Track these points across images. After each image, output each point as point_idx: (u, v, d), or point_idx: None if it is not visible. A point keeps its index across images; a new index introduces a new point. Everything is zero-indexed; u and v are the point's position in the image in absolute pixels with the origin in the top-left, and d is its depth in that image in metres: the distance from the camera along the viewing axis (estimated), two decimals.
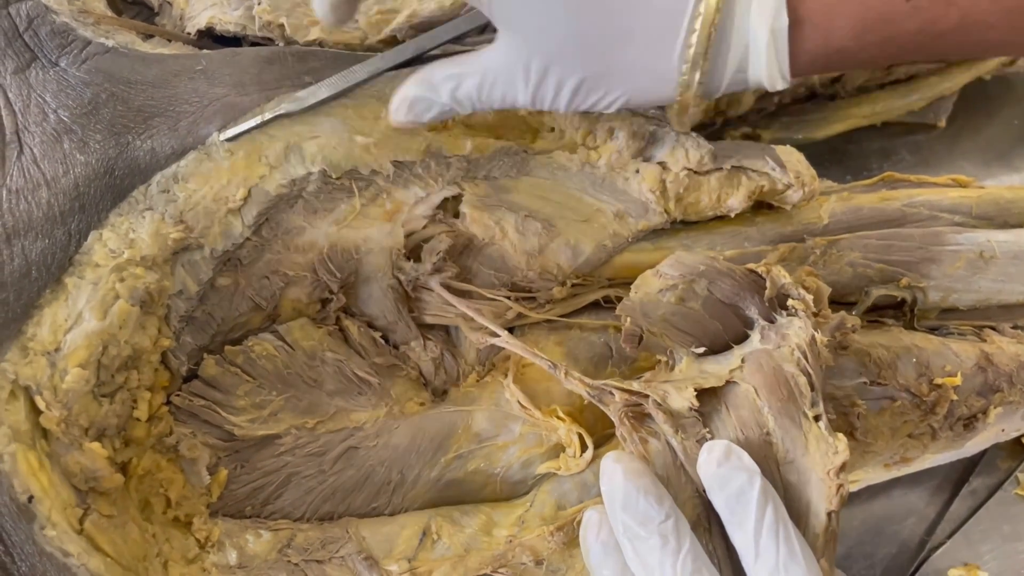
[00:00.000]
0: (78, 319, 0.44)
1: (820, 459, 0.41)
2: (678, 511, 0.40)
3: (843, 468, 0.41)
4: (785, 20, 0.42)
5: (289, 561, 0.46)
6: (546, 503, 0.48)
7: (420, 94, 0.47)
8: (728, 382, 0.45)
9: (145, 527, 0.45)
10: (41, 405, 0.43)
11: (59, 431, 0.43)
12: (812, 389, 0.43)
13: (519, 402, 0.50)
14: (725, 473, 0.40)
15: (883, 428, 0.53)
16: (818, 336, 0.44)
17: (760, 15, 0.42)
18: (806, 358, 0.44)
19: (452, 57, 0.47)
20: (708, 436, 0.44)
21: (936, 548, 0.60)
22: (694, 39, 0.43)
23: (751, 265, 0.48)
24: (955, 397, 0.54)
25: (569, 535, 0.46)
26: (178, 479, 0.47)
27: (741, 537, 0.39)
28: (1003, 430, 0.58)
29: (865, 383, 0.53)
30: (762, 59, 0.43)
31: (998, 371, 0.55)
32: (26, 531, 0.41)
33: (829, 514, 0.40)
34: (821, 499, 0.41)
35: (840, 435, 0.42)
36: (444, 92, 0.46)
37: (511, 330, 0.53)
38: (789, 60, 0.43)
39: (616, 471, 0.40)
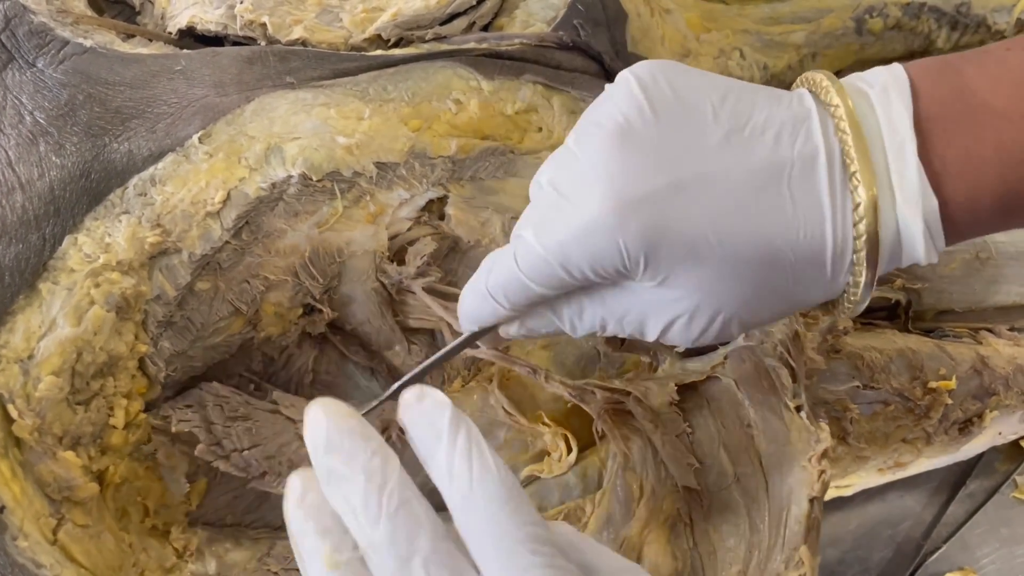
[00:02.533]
0: (52, 326, 0.43)
1: (802, 447, 0.42)
2: (387, 450, 0.36)
3: (825, 454, 0.41)
4: (934, 200, 0.37)
5: (269, 570, 0.45)
6: None
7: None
8: (710, 377, 0.45)
9: (121, 537, 0.45)
10: (14, 413, 0.42)
11: (32, 440, 0.42)
12: (794, 381, 0.43)
13: (504, 408, 0.50)
14: (416, 414, 0.36)
15: (876, 433, 0.53)
16: (801, 330, 0.44)
17: (907, 204, 0.37)
18: (788, 352, 0.44)
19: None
20: (688, 431, 0.44)
21: (933, 552, 0.60)
22: (862, 252, 0.38)
23: None
24: (950, 401, 0.53)
25: None
26: (156, 487, 0.47)
27: (436, 469, 0.36)
28: (1000, 433, 0.58)
29: (858, 387, 0.52)
30: (919, 246, 0.38)
31: (994, 374, 0.55)
32: None
33: (811, 500, 0.40)
34: (803, 486, 0.41)
35: (823, 424, 0.42)
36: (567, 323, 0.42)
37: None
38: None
39: (319, 414, 0.36)
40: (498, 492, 0.35)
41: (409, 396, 0.37)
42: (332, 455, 0.36)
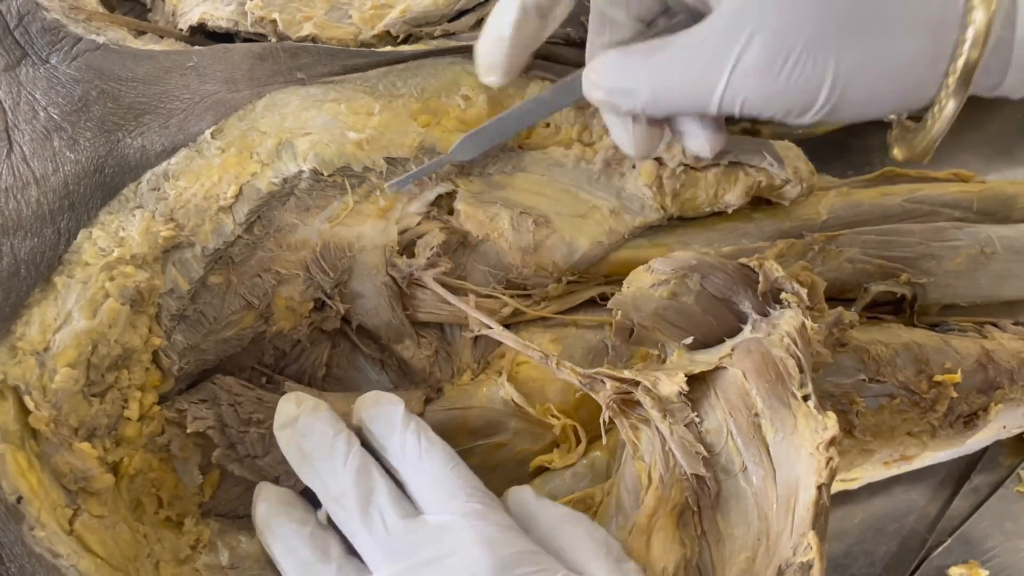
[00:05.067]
0: (67, 318, 0.44)
1: (809, 435, 0.42)
2: (351, 433, 0.44)
3: (832, 442, 0.41)
4: None
5: None
6: None
7: (618, 85, 0.41)
8: (717, 368, 0.45)
9: (136, 527, 0.45)
10: (30, 405, 0.42)
11: (48, 431, 0.43)
12: (801, 371, 0.44)
13: (514, 400, 0.50)
14: (374, 412, 0.44)
15: (882, 426, 0.53)
16: (808, 322, 0.45)
17: None
18: (795, 343, 0.44)
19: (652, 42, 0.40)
20: (696, 420, 0.44)
21: (937, 546, 0.60)
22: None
23: (743, 259, 0.48)
24: (955, 394, 0.53)
25: None
26: (170, 479, 0.47)
27: (391, 449, 0.43)
28: (1004, 427, 0.58)
29: (864, 380, 0.52)
30: None
31: (999, 368, 0.55)
32: (15, 532, 0.41)
33: (819, 487, 0.41)
34: (811, 473, 0.41)
35: (830, 412, 0.42)
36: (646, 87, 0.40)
37: (506, 327, 0.52)
38: None
39: (290, 405, 0.45)
40: (441, 457, 0.42)
41: (368, 398, 0.45)
42: (305, 438, 0.43)
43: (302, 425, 0.44)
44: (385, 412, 0.44)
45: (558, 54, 0.55)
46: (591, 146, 0.53)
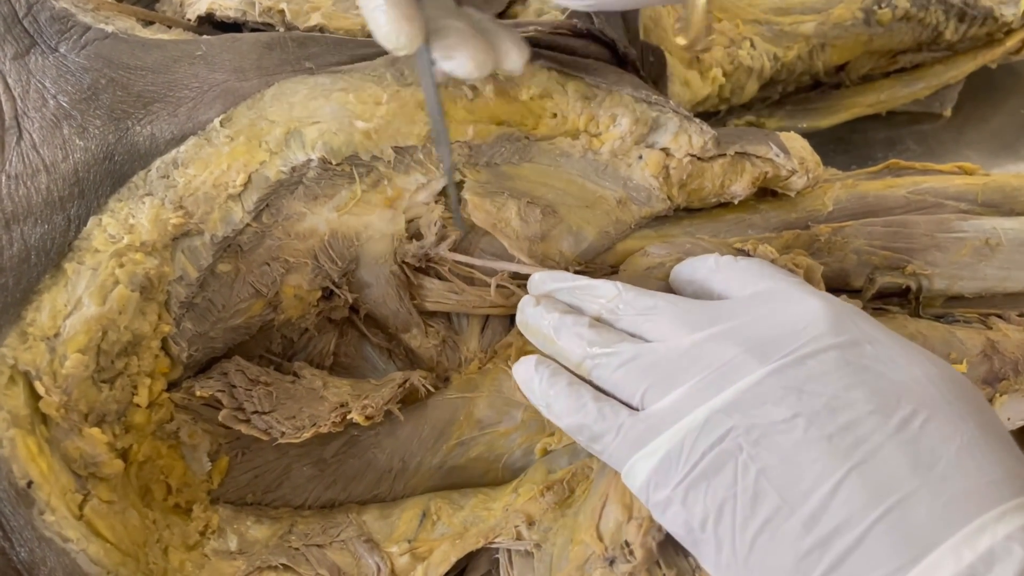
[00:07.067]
0: (77, 304, 0.44)
1: None
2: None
3: None
4: None
5: (290, 547, 0.46)
6: (538, 470, 0.49)
7: None
8: None
9: (145, 513, 0.45)
10: (40, 390, 0.42)
11: (59, 416, 0.43)
12: None
13: (520, 389, 0.50)
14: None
15: None
16: None
17: None
18: None
19: None
20: None
21: None
22: None
23: (737, 244, 0.48)
24: None
25: (559, 494, 0.47)
26: (178, 466, 0.47)
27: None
28: (1009, 419, 0.58)
29: None
30: None
31: (1004, 359, 0.55)
32: (25, 516, 0.41)
33: None
34: None
35: None
36: None
37: (512, 318, 0.53)
38: None
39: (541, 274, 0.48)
40: None
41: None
42: (553, 279, 0.46)
43: (546, 275, 0.47)
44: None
45: (564, 44, 0.55)
46: (598, 136, 0.53)
